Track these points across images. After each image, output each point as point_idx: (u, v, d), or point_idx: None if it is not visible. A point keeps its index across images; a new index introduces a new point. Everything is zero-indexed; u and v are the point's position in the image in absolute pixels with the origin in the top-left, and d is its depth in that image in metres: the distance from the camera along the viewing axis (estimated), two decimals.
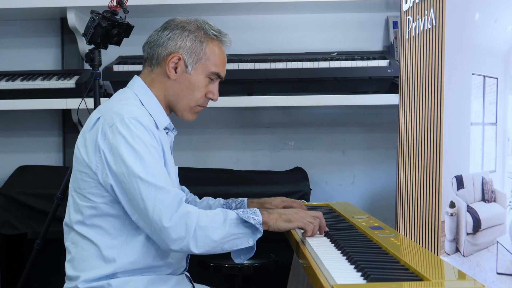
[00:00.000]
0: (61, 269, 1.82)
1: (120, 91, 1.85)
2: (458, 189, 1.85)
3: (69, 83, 2.98)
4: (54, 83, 2.99)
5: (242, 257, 1.73)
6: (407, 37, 2.28)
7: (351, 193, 3.31)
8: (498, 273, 1.70)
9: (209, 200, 2.07)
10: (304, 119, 3.33)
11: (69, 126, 3.33)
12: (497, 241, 1.70)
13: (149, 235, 1.66)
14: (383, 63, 2.90)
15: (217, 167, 3.25)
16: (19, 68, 3.25)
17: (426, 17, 2.03)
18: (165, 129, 1.83)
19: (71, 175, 1.77)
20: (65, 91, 2.98)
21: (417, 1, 2.14)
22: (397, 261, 1.51)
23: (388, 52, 3.19)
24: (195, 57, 1.79)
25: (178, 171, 1.94)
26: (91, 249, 1.70)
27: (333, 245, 1.68)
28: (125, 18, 2.49)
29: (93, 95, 2.57)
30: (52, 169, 3.22)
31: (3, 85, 3.01)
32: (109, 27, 2.45)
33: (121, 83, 2.08)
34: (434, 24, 1.95)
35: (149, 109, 1.78)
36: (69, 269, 1.75)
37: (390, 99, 2.87)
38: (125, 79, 1.96)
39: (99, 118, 1.71)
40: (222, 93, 1.89)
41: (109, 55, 2.98)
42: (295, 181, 2.99)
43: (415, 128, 2.14)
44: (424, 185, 2.04)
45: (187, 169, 3.08)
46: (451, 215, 1.87)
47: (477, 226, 1.78)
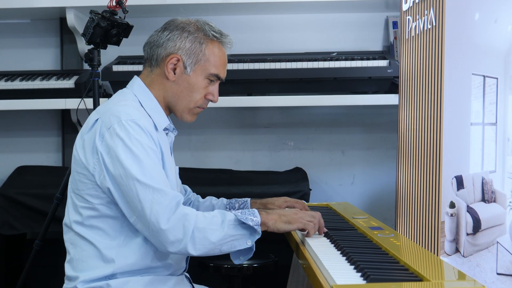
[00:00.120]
0: (60, 270, 1.82)
1: (119, 91, 1.84)
2: (458, 189, 1.85)
3: (68, 83, 2.98)
4: (53, 83, 2.99)
5: (241, 258, 1.72)
6: (407, 37, 2.28)
7: (350, 193, 3.30)
8: (498, 274, 1.69)
9: (212, 200, 2.06)
10: (303, 119, 3.33)
11: (68, 126, 3.32)
12: (497, 242, 1.69)
13: (147, 237, 1.65)
14: (383, 63, 2.90)
15: (217, 167, 3.24)
16: (18, 68, 3.25)
17: (426, 17, 2.02)
18: (165, 129, 1.83)
19: (70, 175, 1.77)
20: (64, 91, 2.97)
21: (417, 1, 2.14)
22: (397, 262, 1.51)
23: (388, 52, 3.19)
24: (194, 58, 1.78)
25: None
26: (90, 250, 1.70)
27: (333, 245, 1.68)
28: (125, 18, 2.49)
29: (92, 95, 2.56)
30: (51, 169, 3.21)
31: (2, 85, 3.00)
32: (108, 27, 2.44)
33: (121, 83, 2.07)
34: (434, 24, 1.95)
35: (148, 110, 1.77)
36: (68, 269, 1.74)
37: (390, 99, 2.86)
38: (125, 79, 1.95)
39: (97, 119, 1.70)
40: (221, 93, 1.88)
41: (108, 55, 2.97)
42: (294, 182, 2.99)
43: (415, 128, 2.14)
44: (424, 185, 2.03)
45: (187, 169, 3.08)
46: (451, 215, 1.87)
47: (477, 226, 1.78)
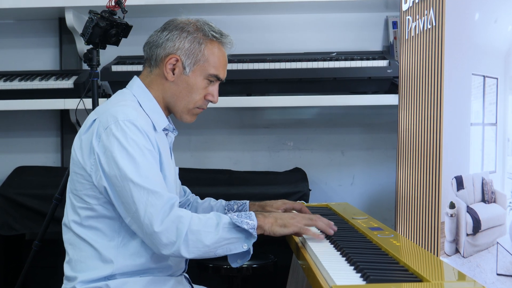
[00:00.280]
0: (59, 270, 1.81)
1: (118, 92, 1.84)
2: (458, 189, 1.84)
3: (67, 84, 2.97)
4: (52, 83, 2.99)
5: (238, 261, 1.71)
6: (406, 37, 2.27)
7: (350, 194, 3.30)
8: (498, 274, 1.69)
9: (210, 201, 2.06)
10: (303, 120, 3.33)
11: (67, 126, 3.32)
12: (497, 242, 1.69)
13: (141, 238, 1.65)
14: (383, 63, 2.90)
15: (216, 168, 3.24)
16: (17, 68, 3.25)
17: (425, 17, 2.02)
18: (164, 130, 1.82)
19: (68, 176, 1.77)
20: (63, 92, 2.97)
21: (417, 1, 2.13)
22: (396, 262, 1.51)
23: (387, 52, 3.18)
24: (193, 58, 1.77)
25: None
26: (89, 251, 1.70)
27: (333, 246, 1.67)
28: (124, 18, 2.48)
29: (91, 95, 2.56)
30: (50, 169, 3.21)
31: (1, 85, 3.00)
32: (108, 27, 2.44)
33: (120, 83, 2.07)
34: (434, 24, 1.95)
35: (147, 111, 1.76)
36: (67, 269, 1.74)
37: (389, 100, 2.86)
38: (124, 79, 1.95)
39: (95, 119, 1.70)
40: (221, 93, 1.87)
41: (107, 55, 2.96)
42: (294, 182, 2.98)
43: (415, 128, 2.13)
44: (423, 185, 2.03)
45: (186, 170, 3.07)
46: (451, 216, 1.86)
47: (477, 227, 1.77)
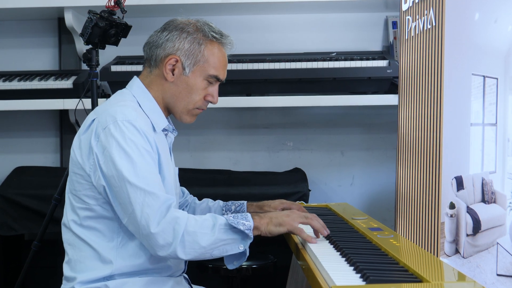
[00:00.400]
0: (58, 271, 1.81)
1: (118, 92, 1.83)
2: (458, 190, 1.84)
3: (67, 84, 2.97)
4: (51, 84, 2.98)
5: (235, 263, 1.70)
6: (406, 37, 2.27)
7: (350, 194, 3.30)
8: (498, 275, 1.68)
9: (208, 202, 2.05)
10: (303, 120, 3.32)
11: (66, 126, 3.32)
12: (497, 243, 1.68)
13: (139, 239, 1.64)
14: (382, 63, 2.89)
15: (216, 168, 3.23)
16: (16, 68, 3.24)
17: (425, 17, 2.02)
18: (164, 130, 1.82)
19: (68, 176, 1.76)
20: (62, 92, 2.97)
21: (417, 1, 2.13)
22: (396, 263, 1.50)
23: (387, 52, 3.18)
24: (193, 59, 1.77)
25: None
26: (88, 251, 1.69)
27: (332, 246, 1.67)
28: (123, 18, 2.48)
29: (90, 95, 2.56)
30: (49, 170, 3.21)
31: (0, 85, 3.00)
32: (107, 27, 2.43)
33: (119, 83, 2.07)
34: (433, 24, 1.94)
35: (147, 111, 1.76)
36: (66, 270, 1.74)
37: (389, 100, 2.86)
38: (123, 80, 1.94)
39: (94, 120, 1.70)
40: (220, 93, 1.87)
41: (106, 55, 2.96)
42: (294, 182, 2.98)
43: (415, 128, 2.13)
44: (423, 186, 2.03)
45: (185, 170, 3.07)
46: (451, 216, 1.86)
47: (477, 227, 1.77)
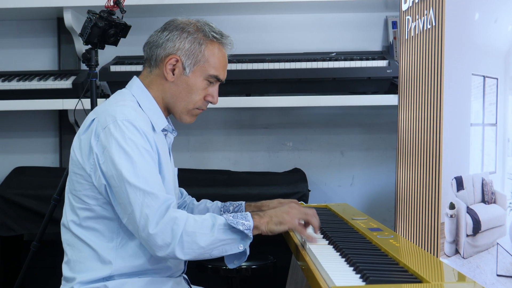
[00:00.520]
0: (57, 271, 1.81)
1: (118, 92, 1.83)
2: (457, 190, 1.84)
3: (66, 84, 2.97)
4: (50, 84, 2.98)
5: (235, 262, 1.70)
6: (406, 37, 2.27)
7: (350, 195, 3.29)
8: (498, 275, 1.68)
9: (206, 203, 2.05)
10: (302, 120, 3.32)
11: (65, 127, 3.31)
12: (497, 243, 1.68)
13: (138, 239, 1.64)
14: (382, 63, 2.89)
15: (215, 168, 3.23)
16: (15, 68, 3.24)
17: (425, 17, 2.01)
18: (163, 130, 1.81)
19: (67, 176, 1.76)
20: (61, 92, 2.96)
21: (417, 1, 2.13)
22: (396, 263, 1.50)
23: (387, 52, 3.18)
24: (193, 59, 1.77)
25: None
26: (87, 251, 1.69)
27: (332, 247, 1.67)
28: (122, 18, 2.48)
29: (90, 95, 2.55)
30: (48, 170, 3.20)
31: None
32: (106, 27, 2.43)
33: (118, 83, 2.06)
34: (433, 24, 1.94)
35: (147, 111, 1.76)
36: (65, 270, 1.74)
37: (389, 100, 2.85)
38: (122, 80, 1.94)
39: (93, 119, 1.69)
40: (220, 93, 1.87)
41: (106, 55, 2.96)
42: (293, 182, 2.98)
43: (415, 128, 2.13)
44: (423, 186, 2.02)
45: (185, 170, 3.07)
46: (451, 216, 1.86)
47: (477, 227, 1.77)
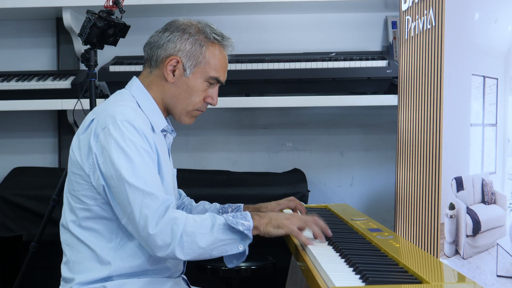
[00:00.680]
0: (56, 271, 1.80)
1: (117, 92, 1.83)
2: (457, 190, 1.83)
3: (65, 84, 2.96)
4: (49, 84, 2.97)
5: (234, 262, 1.70)
6: (406, 37, 2.26)
7: (349, 195, 3.29)
8: (498, 276, 1.68)
9: (205, 204, 2.05)
10: (302, 120, 3.32)
11: (64, 127, 3.31)
12: (497, 243, 1.68)
13: (137, 240, 1.64)
14: (382, 63, 2.89)
15: (214, 169, 3.23)
16: (14, 68, 3.23)
17: (425, 17, 2.01)
18: (163, 131, 1.81)
19: (66, 177, 1.75)
20: (60, 92, 2.96)
21: (417, 1, 2.12)
22: (396, 264, 1.50)
23: (387, 52, 3.18)
24: (194, 60, 1.76)
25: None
26: (86, 252, 1.69)
27: (332, 247, 1.67)
28: (121, 18, 2.48)
29: (89, 95, 2.55)
30: (47, 170, 3.20)
31: None
32: (105, 27, 2.43)
33: (117, 83, 2.06)
34: (433, 24, 1.94)
35: (146, 111, 1.76)
36: (64, 271, 1.73)
37: (389, 100, 2.85)
38: (121, 80, 1.94)
39: (93, 120, 1.69)
40: (219, 93, 1.86)
41: (105, 55, 2.96)
42: (293, 183, 2.97)
43: (415, 129, 2.12)
44: (423, 186, 2.02)
45: (184, 171, 3.06)
46: (451, 217, 1.85)
47: (477, 228, 1.76)
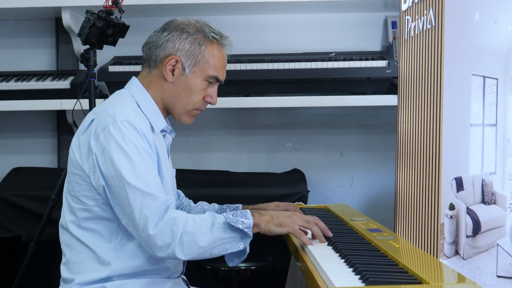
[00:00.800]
0: (55, 272, 1.80)
1: (117, 92, 1.83)
2: (457, 191, 1.83)
3: (64, 84, 2.96)
4: (48, 84, 2.97)
5: (235, 260, 1.71)
6: (406, 37, 2.26)
7: (349, 195, 3.29)
8: (498, 276, 1.68)
9: (203, 205, 2.05)
10: (301, 120, 3.31)
11: (64, 127, 3.31)
12: (497, 244, 1.67)
13: (138, 240, 1.63)
14: (382, 63, 2.89)
15: (214, 169, 3.22)
16: (13, 68, 3.23)
17: (425, 17, 2.01)
18: (162, 131, 1.81)
19: (65, 177, 1.75)
20: (60, 92, 2.96)
21: (416, 1, 2.12)
22: (396, 264, 1.50)
23: (386, 52, 3.17)
24: (193, 60, 1.76)
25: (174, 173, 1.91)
26: (86, 252, 1.69)
27: (331, 247, 1.66)
28: (121, 18, 2.48)
29: (88, 96, 2.55)
30: (46, 171, 3.19)
31: None
32: (104, 27, 2.43)
33: (117, 83, 2.06)
34: (433, 24, 1.93)
35: (146, 111, 1.76)
36: (64, 271, 1.73)
37: (388, 100, 2.85)
38: (121, 80, 1.93)
39: (93, 120, 1.69)
40: (219, 94, 1.86)
41: (104, 55, 2.96)
42: (292, 183, 2.97)
43: (414, 129, 2.12)
44: (423, 187, 2.02)
45: (183, 171, 3.06)
46: (451, 217, 1.85)
47: (477, 228, 1.76)
